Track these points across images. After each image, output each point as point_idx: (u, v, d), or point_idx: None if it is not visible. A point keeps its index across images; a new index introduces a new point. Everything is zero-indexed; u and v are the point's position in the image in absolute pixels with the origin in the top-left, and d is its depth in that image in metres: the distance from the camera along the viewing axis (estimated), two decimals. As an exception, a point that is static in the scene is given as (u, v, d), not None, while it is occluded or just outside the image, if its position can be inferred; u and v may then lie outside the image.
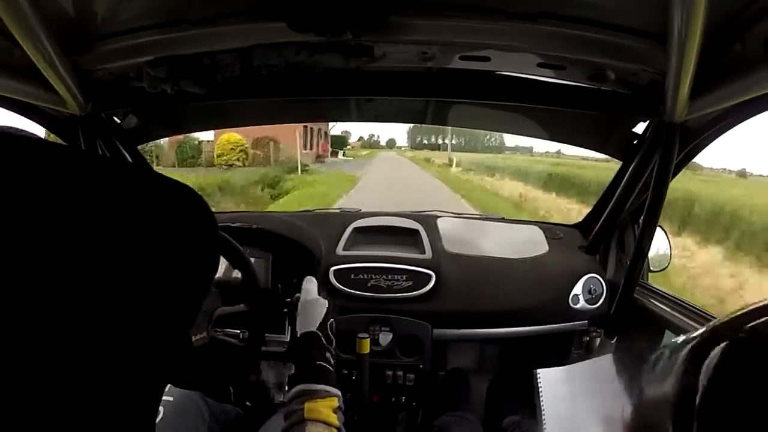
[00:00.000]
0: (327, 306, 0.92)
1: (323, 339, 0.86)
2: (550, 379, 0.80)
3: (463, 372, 1.68)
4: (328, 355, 0.84)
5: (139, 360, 0.31)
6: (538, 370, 0.80)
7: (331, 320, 0.91)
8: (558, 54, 0.95)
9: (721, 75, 0.81)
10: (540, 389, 0.79)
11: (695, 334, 0.36)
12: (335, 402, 0.77)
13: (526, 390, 0.96)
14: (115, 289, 0.28)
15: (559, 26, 0.87)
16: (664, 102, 0.93)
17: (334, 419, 0.74)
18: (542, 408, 0.76)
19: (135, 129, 1.44)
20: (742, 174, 15.94)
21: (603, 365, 0.79)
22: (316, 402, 0.75)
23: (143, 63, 1.01)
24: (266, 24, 0.90)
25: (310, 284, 0.98)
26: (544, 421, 0.74)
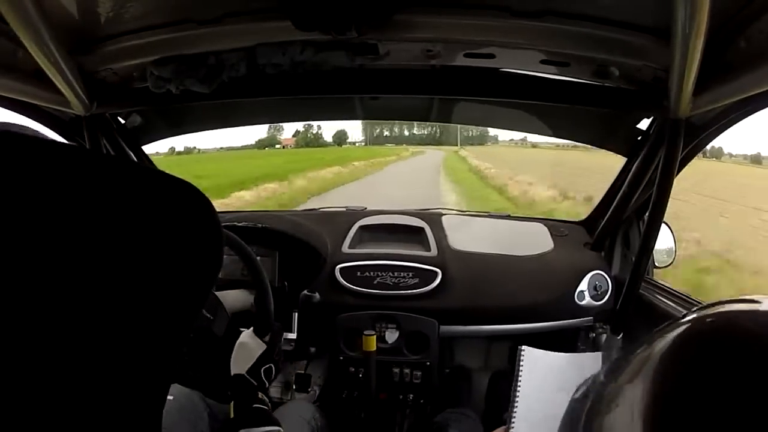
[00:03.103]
0: (264, 349, 0.90)
1: (253, 381, 0.86)
2: (533, 362, 0.74)
3: (464, 368, 1.69)
4: (260, 394, 0.85)
5: (144, 357, 0.31)
6: (523, 348, 0.74)
7: (269, 365, 0.90)
8: (562, 51, 0.95)
9: (724, 71, 0.81)
10: (521, 368, 0.73)
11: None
12: None
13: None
14: (118, 286, 0.29)
15: (563, 23, 0.87)
16: (668, 98, 0.93)
17: None
18: (518, 388, 0.71)
19: (139, 128, 1.45)
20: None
21: (591, 361, 0.76)
22: None
23: (148, 63, 1.01)
24: (271, 23, 0.90)
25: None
26: (516, 401, 0.70)
